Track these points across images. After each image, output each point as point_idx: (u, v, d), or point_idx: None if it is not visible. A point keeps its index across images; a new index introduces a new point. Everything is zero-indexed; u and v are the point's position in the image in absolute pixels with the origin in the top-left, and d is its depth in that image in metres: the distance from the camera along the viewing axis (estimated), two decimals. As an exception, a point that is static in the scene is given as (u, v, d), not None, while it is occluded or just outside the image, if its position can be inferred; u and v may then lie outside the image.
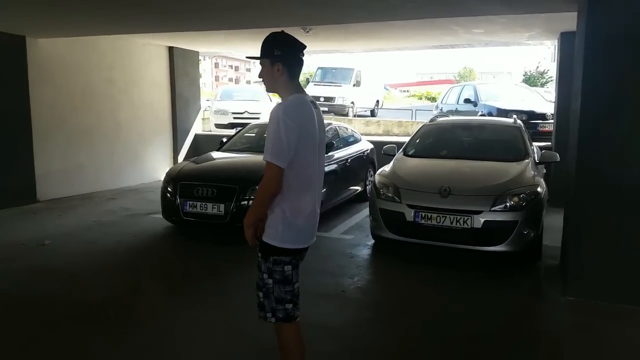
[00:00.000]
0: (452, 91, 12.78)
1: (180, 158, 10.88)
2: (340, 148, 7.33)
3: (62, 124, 8.43)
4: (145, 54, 10.00)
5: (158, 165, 10.46)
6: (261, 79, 2.46)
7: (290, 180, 2.34)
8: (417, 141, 6.38)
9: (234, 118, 12.92)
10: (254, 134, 7.76)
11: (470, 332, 3.64)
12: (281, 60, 2.36)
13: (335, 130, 7.63)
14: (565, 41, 7.87)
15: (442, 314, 3.98)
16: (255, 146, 7.15)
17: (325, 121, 10.29)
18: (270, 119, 2.29)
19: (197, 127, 11.48)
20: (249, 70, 67.91)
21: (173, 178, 6.11)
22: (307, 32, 7.74)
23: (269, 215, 2.42)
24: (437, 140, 6.46)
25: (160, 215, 6.99)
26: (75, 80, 8.65)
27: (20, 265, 5.01)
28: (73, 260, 5.19)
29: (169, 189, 6.08)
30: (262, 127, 7.97)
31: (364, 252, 5.59)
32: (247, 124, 12.92)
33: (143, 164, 10.12)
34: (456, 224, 4.83)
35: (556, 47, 8.94)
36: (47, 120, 8.13)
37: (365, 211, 7.51)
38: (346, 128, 8.35)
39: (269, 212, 2.42)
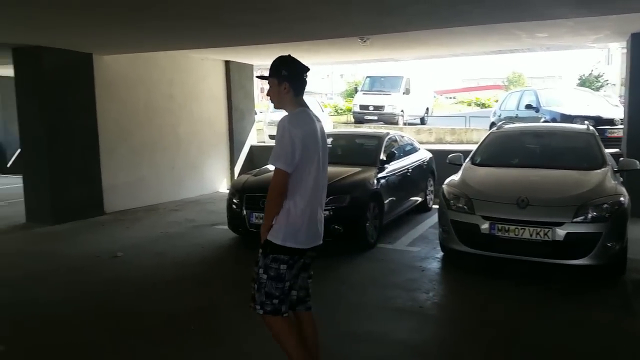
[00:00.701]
0: (511, 97, 12.40)
1: (237, 169, 11.03)
2: (400, 157, 7.21)
3: (126, 138, 8.71)
4: (203, 69, 10.22)
5: (216, 176, 10.64)
6: (269, 97, 2.72)
7: (293, 184, 2.58)
8: (485, 149, 6.19)
9: (287, 129, 13.00)
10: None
11: (561, 350, 3.45)
12: (287, 80, 2.64)
13: (395, 139, 7.51)
14: (637, 43, 7.50)
15: (528, 330, 3.80)
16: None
17: (384, 130, 10.15)
18: (277, 129, 2.56)
19: (252, 139, 11.62)
20: (293, 81, 68.46)
21: (239, 190, 6.16)
22: (364, 41, 7.68)
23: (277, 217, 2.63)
24: (506, 148, 6.25)
25: (225, 227, 7.09)
26: (138, 96, 8.92)
27: (97, 277, 5.16)
28: (146, 273, 5.30)
29: (235, 200, 6.14)
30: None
31: (435, 265, 5.43)
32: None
33: (202, 176, 10.31)
34: (536, 237, 4.63)
35: (626, 49, 8.52)
36: (113, 134, 8.41)
37: (428, 222, 7.38)
38: (405, 137, 8.22)
39: None
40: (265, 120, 13.42)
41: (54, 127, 7.50)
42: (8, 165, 13.81)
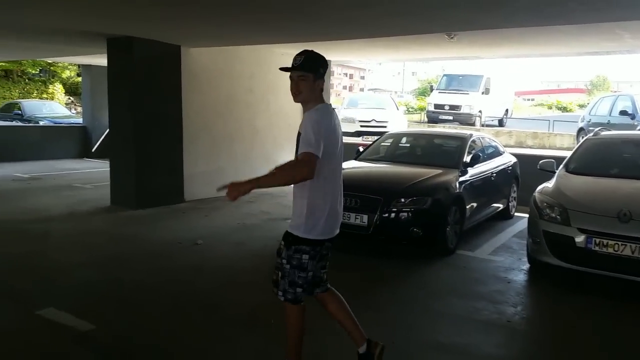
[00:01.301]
0: (602, 102, 11.61)
1: (309, 164, 11.04)
2: (484, 161, 6.89)
3: (207, 128, 8.93)
4: (282, 63, 10.22)
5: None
6: (295, 89, 2.69)
7: (315, 177, 2.57)
8: (581, 156, 5.78)
9: (361, 126, 12.90)
10: (389, 144, 7.58)
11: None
12: (322, 78, 2.71)
13: (478, 141, 7.20)
14: None
15: (622, 351, 3.48)
16: (396, 156, 6.97)
17: (467, 131, 9.80)
18: (305, 120, 2.61)
19: (326, 134, 11.59)
20: (362, 77, 68.22)
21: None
22: (452, 37, 7.40)
23: (295, 207, 2.74)
24: (604, 156, 5.81)
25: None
26: (220, 88, 9.12)
27: (179, 263, 5.30)
28: (226, 262, 5.39)
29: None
30: (398, 137, 7.78)
31: (521, 277, 5.14)
32: (373, 132, 13.05)
33: (275, 169, 10.39)
34: (639, 254, 4.24)
35: None
36: (195, 125, 8.65)
37: (510, 231, 7.03)
38: (488, 139, 7.86)
39: (295, 204, 2.75)
40: (340, 117, 13.36)
41: (142, 115, 7.80)
42: (93, 150, 14.62)
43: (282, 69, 2.83)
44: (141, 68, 7.72)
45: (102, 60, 13.33)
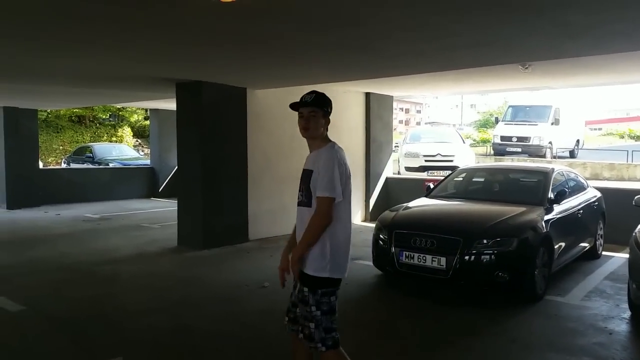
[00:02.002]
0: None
1: (372, 202, 10.78)
2: (570, 196, 6.36)
3: (271, 167, 8.90)
4: (345, 101, 10.22)
5: (352, 208, 10.45)
6: (304, 124, 2.78)
7: (337, 214, 2.67)
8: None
9: (426, 161, 12.52)
10: (462, 179, 7.20)
11: None
12: (328, 117, 2.84)
13: (562, 175, 6.68)
14: None
15: None
16: (471, 193, 6.59)
17: (549, 165, 9.22)
18: (324, 160, 2.67)
19: (389, 171, 11.32)
20: (419, 111, 67.72)
21: (386, 225, 5.82)
22: (526, 68, 7.03)
23: (314, 249, 2.65)
24: None
25: (366, 262, 6.82)
26: (284, 127, 9.10)
27: (248, 307, 5.10)
28: (295, 308, 5.13)
29: (382, 236, 5.80)
30: (471, 172, 7.40)
31: (623, 327, 4.57)
32: (439, 167, 12.65)
33: (338, 207, 10.18)
34: None
35: None
36: (259, 164, 8.63)
37: (600, 272, 6.41)
38: (572, 172, 7.31)
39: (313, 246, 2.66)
40: (402, 152, 13.07)
41: (209, 156, 7.86)
42: (160, 190, 15.02)
43: (292, 105, 2.84)
44: (209, 111, 7.83)
45: (168, 105, 13.88)
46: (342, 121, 10.16)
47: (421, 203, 6.53)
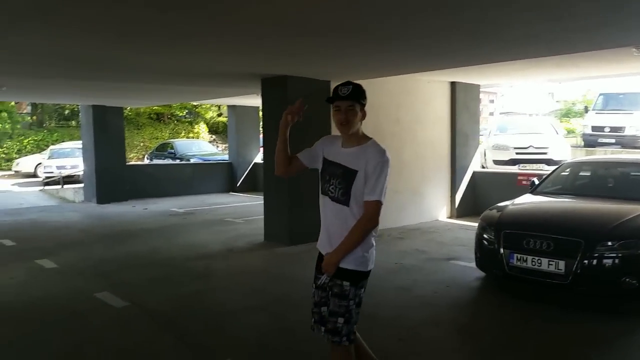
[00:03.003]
0: None
1: (458, 197, 10.28)
2: None
3: (354, 162, 8.66)
4: (429, 91, 9.79)
5: (436, 204, 10.04)
6: (344, 119, 2.69)
7: None
8: None
9: (517, 154, 11.78)
10: (568, 174, 6.62)
11: None
12: (364, 108, 2.77)
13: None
14: None
15: None
16: (583, 189, 6.04)
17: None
18: (378, 163, 2.64)
19: (475, 164, 10.76)
20: (492, 101, 65.02)
21: (493, 224, 5.41)
22: (641, 50, 6.34)
23: (361, 245, 2.67)
24: None
25: (463, 262, 6.50)
26: (367, 120, 8.71)
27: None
28: (398, 312, 4.85)
29: (487, 236, 5.41)
30: (579, 166, 6.80)
31: None
32: (531, 159, 11.88)
33: (422, 203, 9.81)
34: None
35: None
36: (344, 159, 8.41)
37: None
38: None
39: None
40: (489, 144, 12.39)
41: (295, 151, 7.71)
42: (237, 185, 15.22)
43: (328, 99, 2.75)
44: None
45: (246, 101, 14.00)
46: (426, 112, 9.75)
47: (528, 200, 6.04)
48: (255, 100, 13.61)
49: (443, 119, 10.08)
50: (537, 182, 6.49)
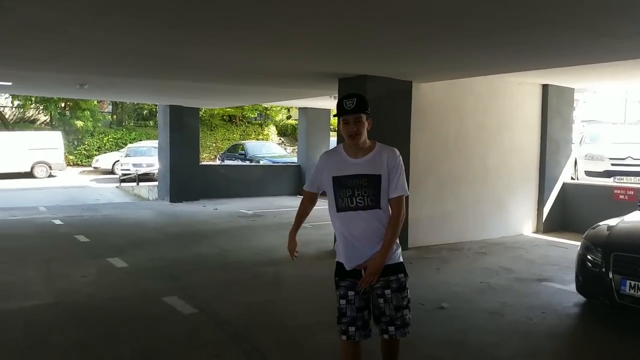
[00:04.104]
0: None
1: (546, 210, 9.42)
2: None
3: (434, 169, 8.11)
4: (519, 94, 9.04)
5: (522, 217, 9.24)
6: (353, 132, 2.82)
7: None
8: None
9: (612, 165, 10.69)
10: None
11: None
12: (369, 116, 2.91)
13: None
14: None
15: None
16: None
17: None
18: (395, 161, 2.84)
19: (566, 175, 9.83)
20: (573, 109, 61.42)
21: (600, 245, 4.70)
22: None
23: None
24: None
25: (556, 284, 5.80)
26: (449, 125, 8.27)
27: (435, 337, 4.34)
28: (490, 339, 4.29)
29: (593, 257, 4.71)
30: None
31: None
32: (629, 172, 10.73)
33: (507, 215, 9.05)
34: None
35: None
36: (422, 165, 7.88)
37: None
38: None
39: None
40: (580, 154, 11.34)
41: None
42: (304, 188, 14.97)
43: (336, 114, 2.88)
44: (373, 107, 7.22)
45: (317, 103, 13.75)
46: (515, 117, 9.02)
47: (639, 218, 5.27)
48: (326, 103, 13.33)
49: (533, 125, 9.28)
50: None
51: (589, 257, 4.77)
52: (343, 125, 2.83)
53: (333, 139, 18.11)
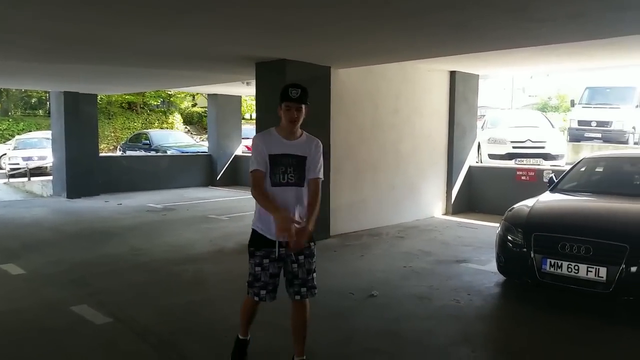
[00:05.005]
0: None
1: (454, 193, 9.84)
2: None
3: (351, 156, 8.09)
4: (428, 81, 9.28)
5: (432, 200, 9.57)
6: (294, 121, 3.15)
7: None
8: None
9: (514, 148, 11.39)
10: (589, 170, 6.19)
11: None
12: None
13: None
14: None
15: None
16: (610, 187, 5.62)
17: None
18: (318, 148, 3.27)
19: (472, 159, 10.32)
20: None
21: (520, 225, 4.90)
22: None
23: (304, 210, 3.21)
24: None
25: (475, 265, 6.05)
26: (365, 111, 8.28)
27: (367, 327, 4.28)
28: (425, 325, 4.31)
29: (513, 237, 4.90)
30: (596, 162, 6.38)
31: None
32: (529, 154, 11.52)
33: (419, 199, 9.32)
34: None
35: None
36: (341, 151, 7.83)
37: None
38: None
39: (303, 209, 3.20)
40: (483, 138, 11.97)
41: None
42: (217, 178, 14.48)
43: (281, 99, 3.13)
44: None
45: (228, 89, 13.22)
46: (425, 103, 9.26)
47: (551, 199, 5.57)
48: (238, 89, 12.86)
49: (441, 111, 9.60)
50: (555, 178, 6.04)
51: (509, 237, 4.95)
52: (285, 111, 3.12)
53: (246, 127, 17.65)
